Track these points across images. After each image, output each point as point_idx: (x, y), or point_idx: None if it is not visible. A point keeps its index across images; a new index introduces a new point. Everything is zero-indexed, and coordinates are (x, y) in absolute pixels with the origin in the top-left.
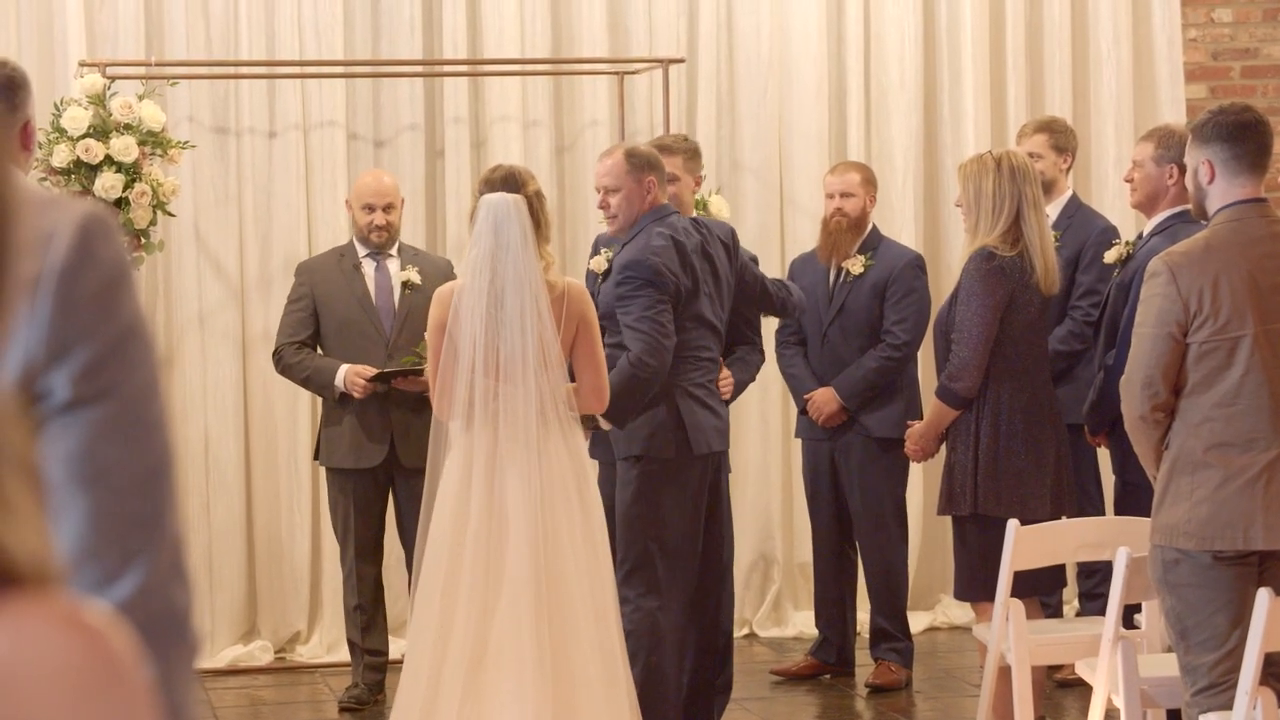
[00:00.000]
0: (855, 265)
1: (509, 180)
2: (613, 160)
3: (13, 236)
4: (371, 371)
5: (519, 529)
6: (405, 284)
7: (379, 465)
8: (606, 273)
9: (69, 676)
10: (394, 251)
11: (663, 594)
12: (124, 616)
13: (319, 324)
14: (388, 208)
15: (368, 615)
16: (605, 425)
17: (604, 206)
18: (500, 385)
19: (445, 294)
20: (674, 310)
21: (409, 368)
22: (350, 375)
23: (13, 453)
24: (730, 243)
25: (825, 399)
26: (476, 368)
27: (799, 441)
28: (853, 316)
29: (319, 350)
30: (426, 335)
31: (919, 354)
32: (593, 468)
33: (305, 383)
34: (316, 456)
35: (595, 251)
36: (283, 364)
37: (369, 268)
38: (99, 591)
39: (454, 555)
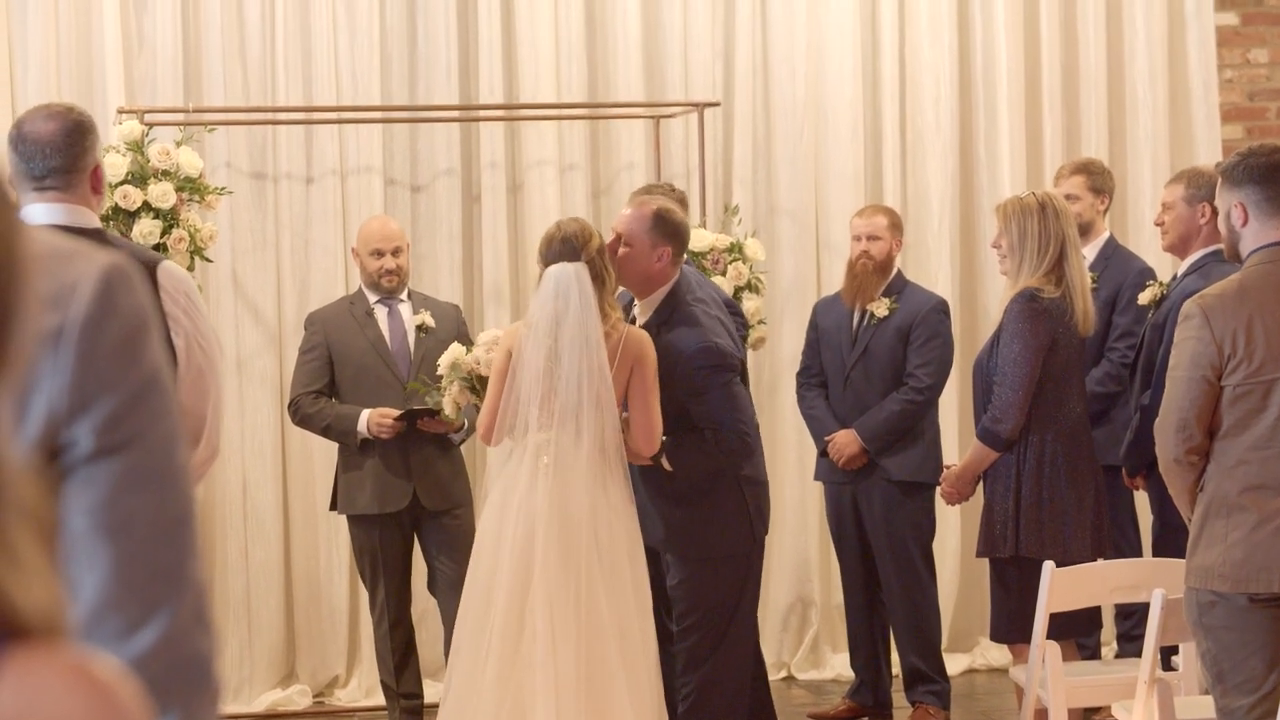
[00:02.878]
0: (879, 308)
1: (568, 245)
2: (638, 213)
3: (21, 293)
4: (396, 413)
5: (554, 570)
6: (420, 327)
7: (404, 509)
8: None
9: None
10: (404, 296)
11: (729, 668)
12: (148, 665)
13: (334, 373)
14: (396, 251)
15: (401, 658)
16: (668, 466)
17: (611, 251)
18: (555, 425)
19: (514, 330)
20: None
21: (434, 407)
22: (375, 418)
23: (23, 507)
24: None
25: (846, 440)
26: (532, 407)
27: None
28: (876, 359)
29: (334, 399)
30: (493, 360)
31: (940, 399)
32: (630, 512)
33: (325, 432)
34: (334, 506)
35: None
36: (300, 415)
37: (381, 313)
38: (123, 640)
39: (489, 593)
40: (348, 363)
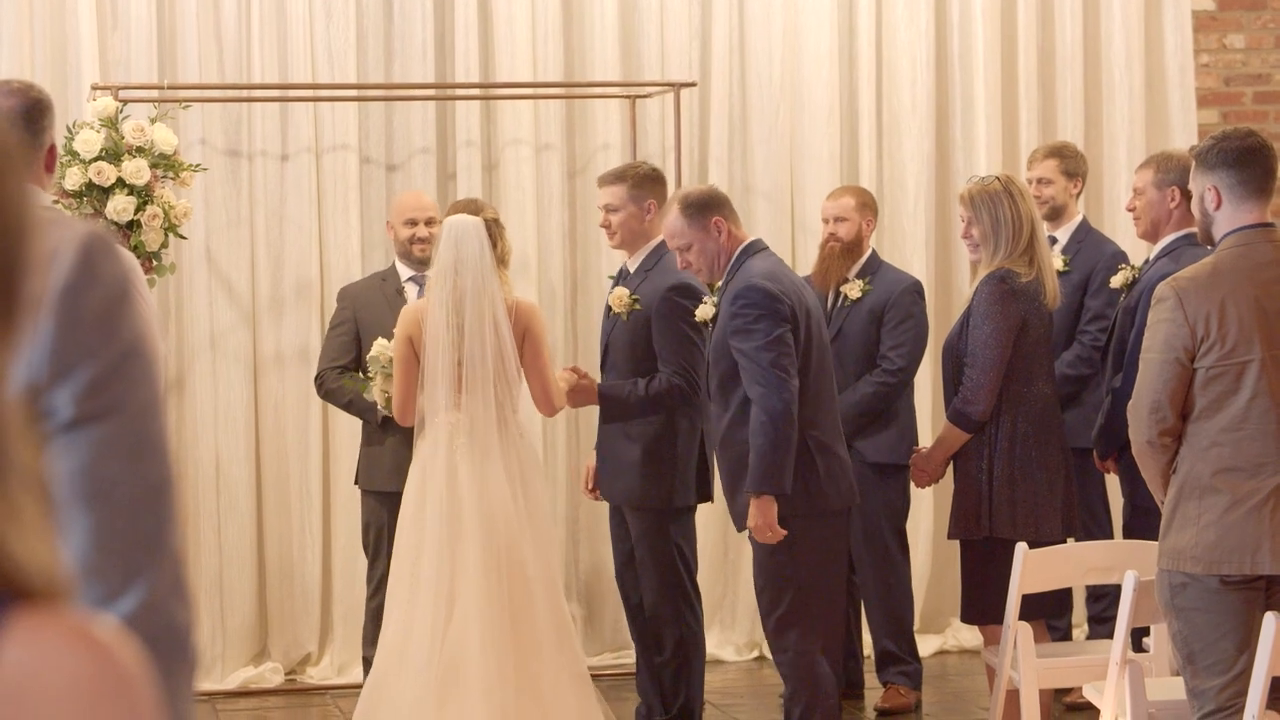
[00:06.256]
0: (852, 290)
1: (469, 206)
2: (670, 214)
3: (26, 254)
4: None
5: (476, 535)
6: None
7: None
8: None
9: (80, 689)
10: None
11: (819, 638)
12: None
13: (360, 348)
14: (429, 221)
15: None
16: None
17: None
18: (463, 396)
19: (412, 311)
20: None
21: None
22: None
23: (22, 466)
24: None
25: None
26: (443, 380)
27: None
28: (849, 341)
29: (360, 374)
30: (392, 347)
31: (915, 380)
32: (539, 473)
33: (347, 407)
34: (356, 480)
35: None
36: (325, 389)
37: (412, 292)
38: (101, 608)
39: (414, 564)
40: (375, 339)
